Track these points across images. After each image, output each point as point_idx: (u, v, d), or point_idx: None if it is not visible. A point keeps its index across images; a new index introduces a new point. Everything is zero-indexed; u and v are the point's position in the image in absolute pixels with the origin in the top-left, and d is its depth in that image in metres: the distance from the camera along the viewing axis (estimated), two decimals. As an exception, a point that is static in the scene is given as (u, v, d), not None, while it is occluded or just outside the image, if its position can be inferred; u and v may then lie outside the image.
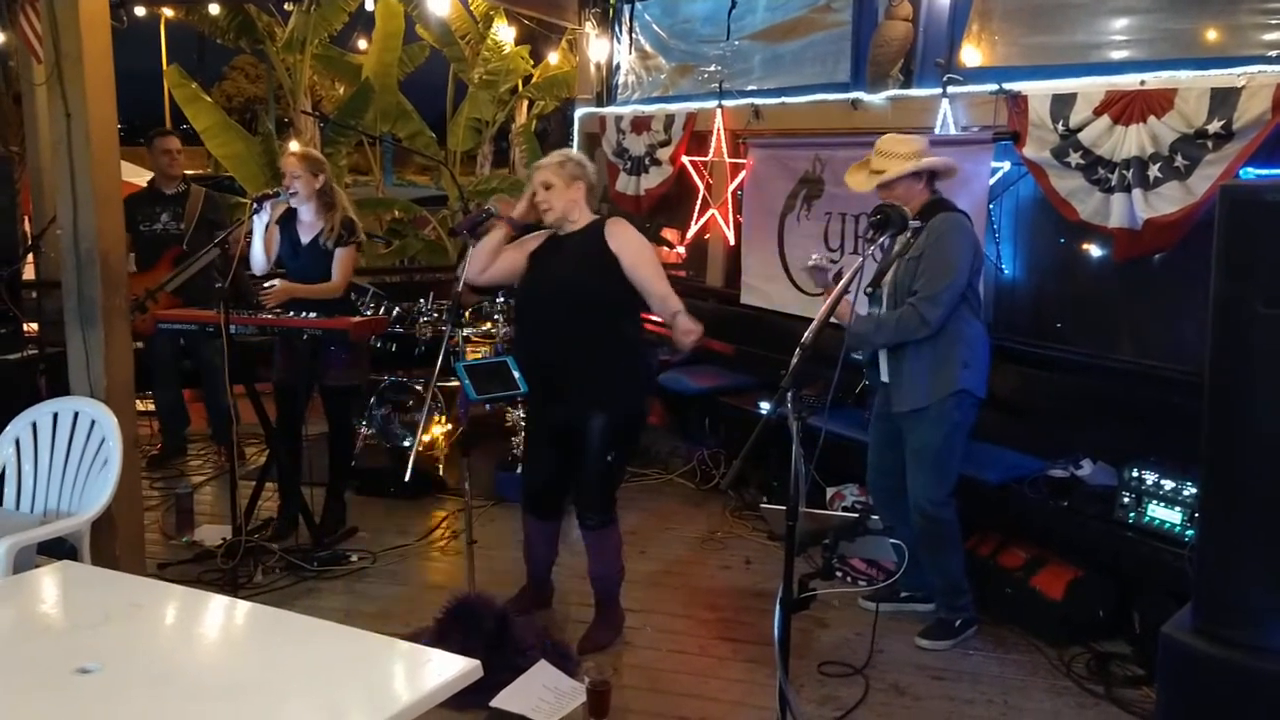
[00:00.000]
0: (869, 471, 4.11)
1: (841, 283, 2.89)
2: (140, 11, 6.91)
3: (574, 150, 3.78)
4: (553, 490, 3.86)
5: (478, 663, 2.08)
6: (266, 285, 4.49)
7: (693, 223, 6.23)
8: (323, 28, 10.01)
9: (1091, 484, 4.00)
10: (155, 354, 5.83)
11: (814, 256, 3.92)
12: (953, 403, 3.73)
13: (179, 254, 5.61)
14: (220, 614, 2.50)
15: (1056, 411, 4.41)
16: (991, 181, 4.45)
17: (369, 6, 9.12)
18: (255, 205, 4.48)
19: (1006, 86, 4.32)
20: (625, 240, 3.64)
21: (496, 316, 5.71)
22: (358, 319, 4.62)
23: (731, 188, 5.99)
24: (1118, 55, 4.25)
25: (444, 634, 3.48)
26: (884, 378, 3.90)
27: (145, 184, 5.95)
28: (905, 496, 3.93)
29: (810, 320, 2.74)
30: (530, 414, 3.82)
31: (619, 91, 7.19)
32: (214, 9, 9.31)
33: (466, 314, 5.75)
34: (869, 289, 3.80)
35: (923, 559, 3.89)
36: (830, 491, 4.89)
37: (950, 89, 4.58)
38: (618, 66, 7.21)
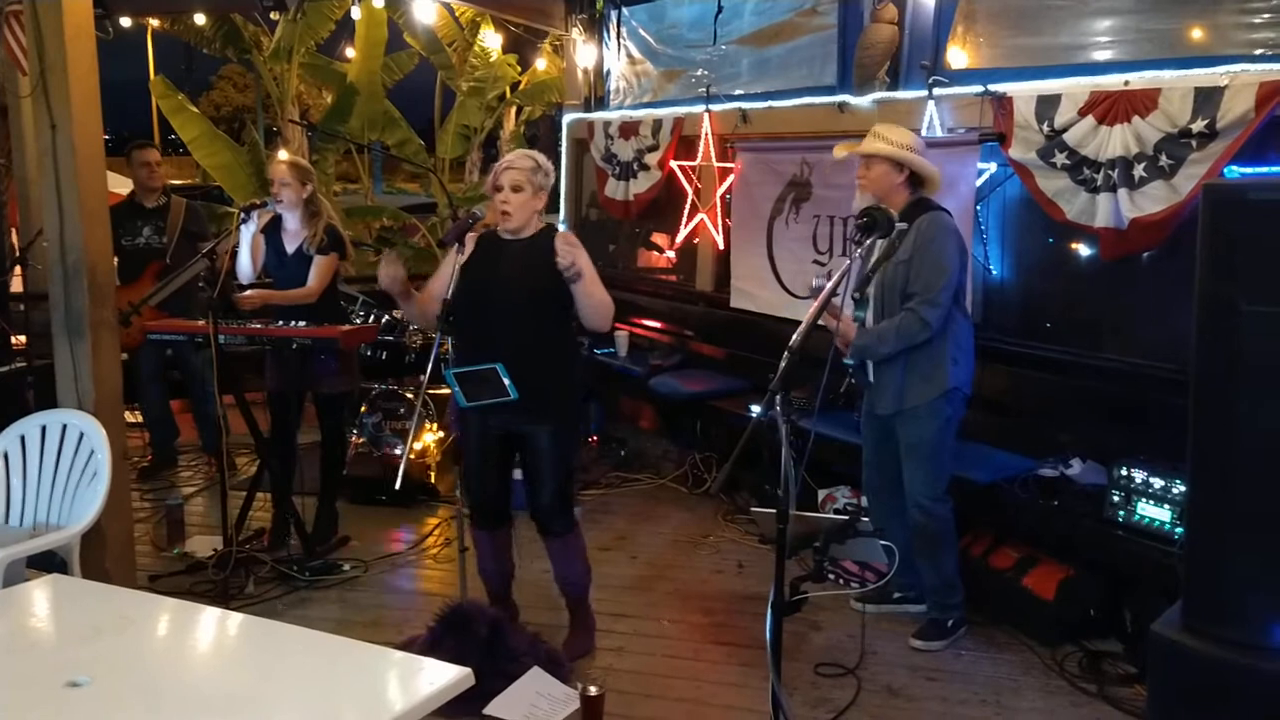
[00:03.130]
0: (865, 470, 4.12)
1: (829, 285, 2.89)
2: (126, 22, 6.88)
3: (539, 154, 3.64)
4: (498, 500, 3.78)
5: (470, 671, 2.08)
6: (244, 294, 4.50)
7: (682, 227, 6.23)
8: (309, 36, 10.01)
9: (1081, 483, 4.02)
10: (141, 366, 5.81)
11: (815, 280, 3.91)
12: (943, 400, 3.76)
13: (162, 267, 5.60)
14: (212, 626, 2.49)
15: (1045, 411, 4.43)
16: (978, 183, 4.46)
17: (355, 15, 9.11)
18: (243, 215, 4.48)
19: (992, 88, 4.33)
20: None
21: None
22: (347, 328, 4.62)
23: (720, 192, 6.00)
24: (1102, 56, 4.27)
25: (436, 642, 3.47)
26: (870, 378, 3.91)
27: (126, 197, 5.92)
28: (899, 494, 3.94)
29: (799, 323, 2.74)
30: (468, 424, 3.70)
31: (612, 97, 7.19)
32: (200, 19, 9.30)
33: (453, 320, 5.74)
34: (855, 294, 3.81)
35: (917, 557, 3.91)
36: (821, 494, 4.89)
37: (936, 91, 4.60)
38: (608, 73, 7.22)
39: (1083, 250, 4.45)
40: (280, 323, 4.45)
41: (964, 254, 3.84)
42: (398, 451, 5.61)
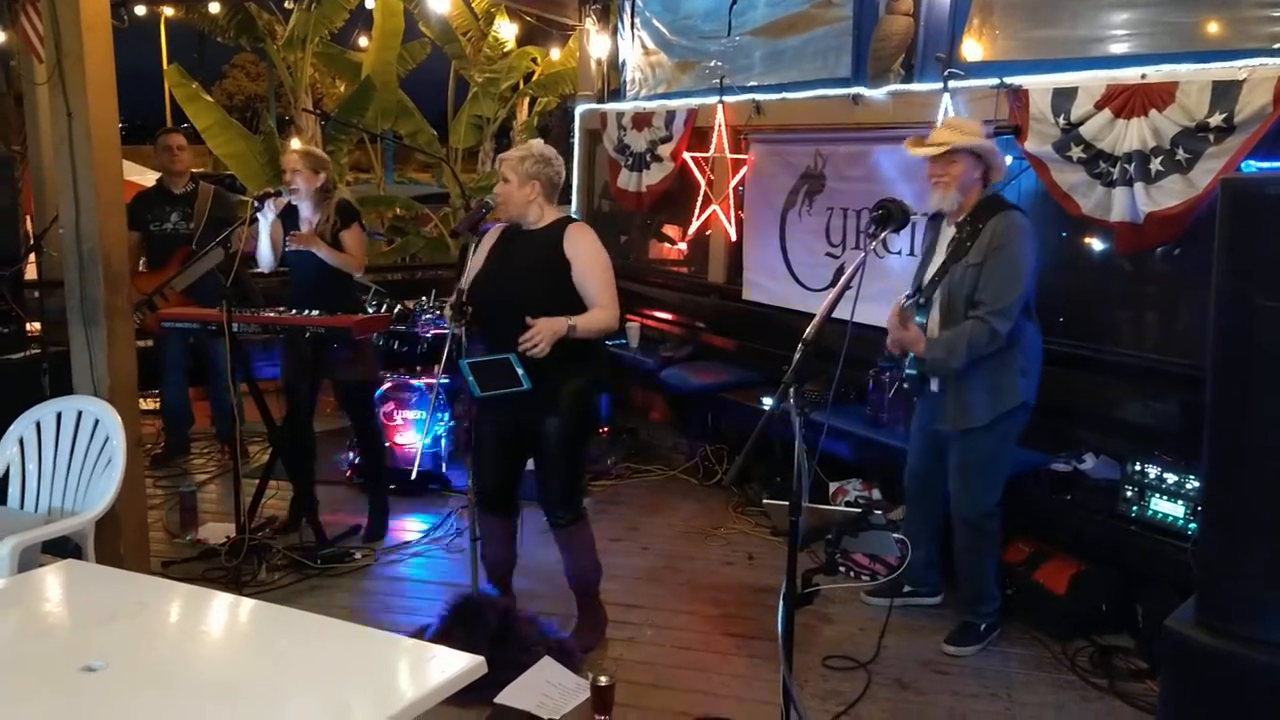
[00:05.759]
0: (907, 476, 4.02)
1: (844, 278, 2.87)
2: (141, 10, 6.91)
3: (540, 144, 3.68)
4: (505, 487, 3.79)
5: (481, 659, 2.09)
6: (291, 234, 4.48)
7: (694, 219, 6.22)
8: (323, 25, 10.02)
9: (1094, 478, 4.00)
10: (166, 353, 5.84)
11: (905, 298, 3.70)
12: (1008, 416, 3.64)
13: (189, 253, 5.62)
14: (224, 612, 2.51)
15: (1059, 405, 4.40)
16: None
17: (369, 4, 9.12)
18: (256, 204, 4.50)
19: (1007, 81, 4.31)
20: (580, 247, 3.57)
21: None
22: (360, 317, 4.63)
23: (733, 184, 5.99)
24: (1119, 49, 4.24)
25: (448, 631, 3.49)
26: (934, 388, 3.75)
27: (154, 183, 5.95)
28: (939, 502, 3.91)
29: (812, 316, 2.74)
30: (482, 413, 3.71)
31: (628, 88, 7.18)
32: (214, 7, 9.33)
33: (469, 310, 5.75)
34: (920, 299, 3.67)
35: (958, 562, 3.88)
36: (833, 487, 4.89)
37: (951, 83, 4.57)
38: (622, 63, 7.20)
39: (1098, 244, 4.43)
40: (295, 311, 4.46)
41: (1039, 258, 3.62)
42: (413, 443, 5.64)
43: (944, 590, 4.18)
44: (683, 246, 6.86)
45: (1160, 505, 3.65)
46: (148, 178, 6.62)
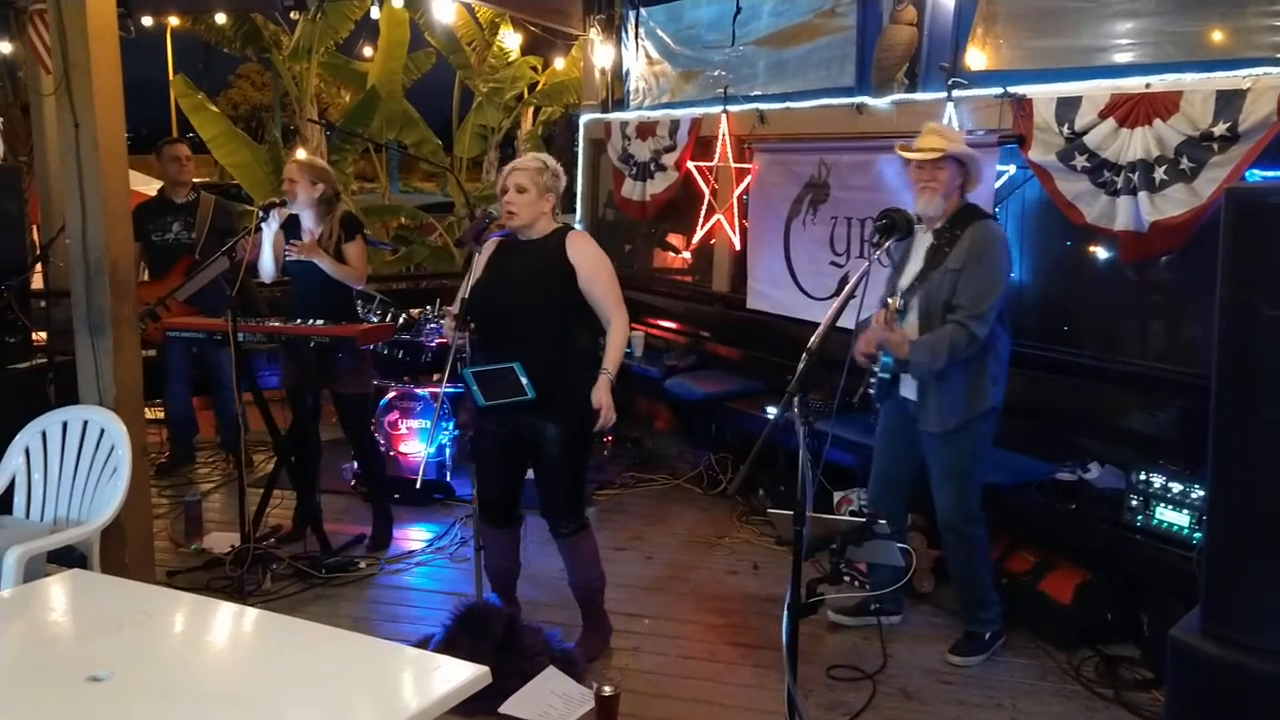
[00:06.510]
0: (873, 481, 4.01)
1: (848, 287, 2.88)
2: (147, 21, 6.92)
3: (548, 157, 3.71)
4: (506, 495, 3.78)
5: (486, 669, 2.09)
6: (291, 243, 4.50)
7: (698, 228, 6.23)
8: (329, 35, 10.04)
9: (1099, 487, 4.00)
10: (168, 362, 5.86)
11: (892, 299, 3.72)
12: (980, 421, 3.66)
13: (191, 263, 5.64)
14: (229, 621, 2.51)
15: (1064, 415, 4.41)
16: (997, 185, 4.45)
17: (375, 14, 9.15)
18: (261, 214, 4.52)
19: (1011, 90, 4.32)
20: (584, 254, 3.60)
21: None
22: (364, 326, 4.64)
23: (737, 193, 6.00)
24: (1123, 58, 4.25)
25: (452, 640, 3.49)
26: (910, 395, 3.76)
27: (155, 193, 5.97)
28: (903, 502, 3.91)
29: (816, 325, 2.74)
30: (482, 422, 3.72)
31: (632, 98, 7.20)
32: (220, 18, 9.35)
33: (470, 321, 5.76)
34: (900, 303, 3.73)
35: (951, 575, 3.88)
36: (837, 496, 4.88)
37: (955, 93, 4.58)
38: (626, 73, 7.22)
39: (1102, 253, 4.43)
40: (299, 321, 4.47)
41: (1011, 264, 3.67)
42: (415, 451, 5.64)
43: (904, 611, 4.15)
44: (687, 255, 6.87)
45: (1165, 514, 3.65)
46: (153, 187, 6.64)
